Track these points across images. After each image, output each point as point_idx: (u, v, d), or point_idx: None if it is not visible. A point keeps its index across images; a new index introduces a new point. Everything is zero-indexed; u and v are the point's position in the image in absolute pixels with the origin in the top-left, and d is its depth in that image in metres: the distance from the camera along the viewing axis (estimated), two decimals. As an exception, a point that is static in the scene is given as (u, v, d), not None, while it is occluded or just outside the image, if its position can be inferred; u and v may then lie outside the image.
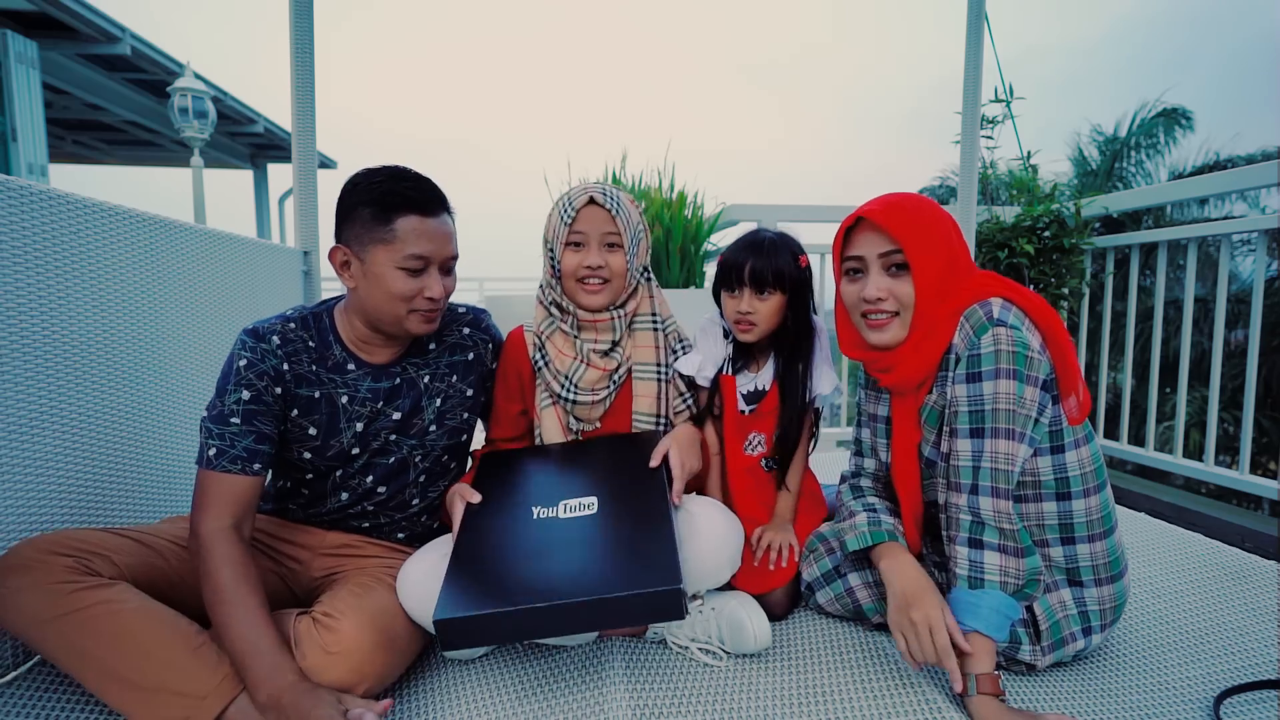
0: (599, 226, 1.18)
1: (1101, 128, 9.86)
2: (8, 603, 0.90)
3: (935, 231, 1.05)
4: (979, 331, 0.98)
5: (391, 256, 1.04)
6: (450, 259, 1.10)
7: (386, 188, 1.05)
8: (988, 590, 0.96)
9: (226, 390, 1.05)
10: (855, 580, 1.20)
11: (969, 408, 0.99)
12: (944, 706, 0.98)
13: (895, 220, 1.04)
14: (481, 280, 8.92)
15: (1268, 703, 1.00)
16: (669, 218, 3.11)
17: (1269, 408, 6.81)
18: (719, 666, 1.09)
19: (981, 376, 0.98)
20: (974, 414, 0.99)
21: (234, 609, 0.92)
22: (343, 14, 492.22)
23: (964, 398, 1.00)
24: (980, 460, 0.99)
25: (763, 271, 1.24)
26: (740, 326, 1.27)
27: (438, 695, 1.04)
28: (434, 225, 1.06)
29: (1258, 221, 2.20)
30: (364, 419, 1.13)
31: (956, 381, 1.00)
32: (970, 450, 0.99)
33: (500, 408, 1.30)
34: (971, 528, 0.99)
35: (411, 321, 1.08)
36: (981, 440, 0.99)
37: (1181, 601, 1.33)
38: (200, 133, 6.46)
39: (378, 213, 1.04)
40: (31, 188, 1.10)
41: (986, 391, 0.97)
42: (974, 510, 0.99)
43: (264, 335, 1.08)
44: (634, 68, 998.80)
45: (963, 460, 1.00)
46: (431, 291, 1.06)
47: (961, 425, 1.00)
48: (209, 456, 1.02)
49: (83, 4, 4.75)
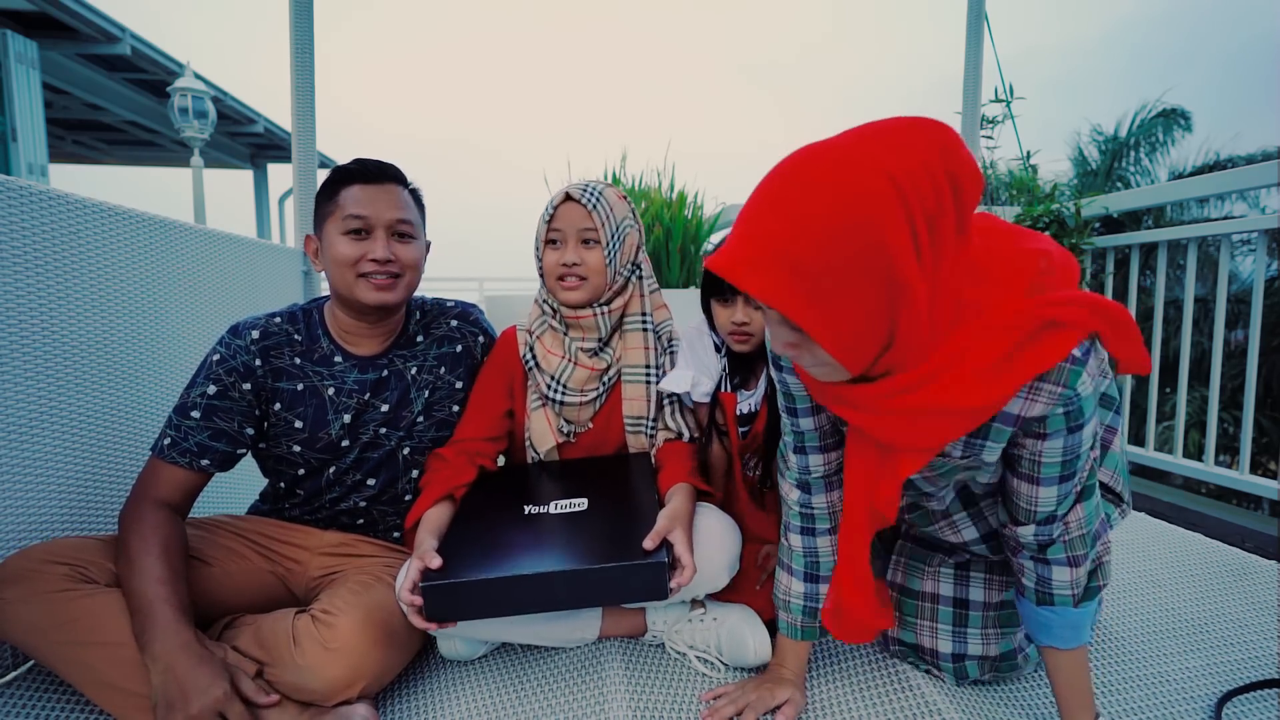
0: (575, 223, 1.17)
1: (1101, 128, 9.87)
2: (5, 613, 0.90)
3: (843, 291, 0.62)
4: (1064, 402, 0.73)
5: (336, 225, 1.09)
6: (397, 221, 1.11)
7: (338, 169, 1.12)
8: (1058, 609, 0.85)
9: (195, 383, 1.08)
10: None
11: (1062, 457, 0.77)
12: (945, 708, 0.98)
13: (770, 286, 0.62)
14: (481, 280, 8.92)
15: (1268, 701, 1.00)
16: (669, 218, 3.11)
17: (1269, 408, 6.81)
18: (717, 677, 1.08)
19: (1082, 427, 0.76)
20: (1066, 463, 0.78)
21: (137, 569, 0.93)
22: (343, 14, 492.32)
23: (1057, 448, 0.77)
24: (1064, 503, 0.81)
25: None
26: (736, 338, 1.18)
27: (437, 695, 1.04)
28: (374, 190, 1.10)
29: (1258, 221, 2.19)
30: (351, 410, 1.14)
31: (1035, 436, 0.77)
32: (1057, 494, 0.80)
33: (483, 403, 1.24)
34: (1038, 549, 0.85)
35: (362, 289, 1.09)
36: (1070, 484, 0.80)
37: (1181, 601, 1.33)
38: (200, 133, 6.47)
39: (327, 190, 1.11)
40: (31, 188, 1.10)
41: (1085, 439, 0.77)
42: (1041, 539, 0.84)
43: (241, 331, 1.11)
44: (634, 68, 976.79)
45: (1041, 507, 0.81)
46: (375, 254, 1.08)
47: (1049, 474, 0.79)
48: (163, 445, 1.05)
49: (83, 4, 4.75)
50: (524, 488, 1.18)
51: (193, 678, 0.86)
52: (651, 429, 1.25)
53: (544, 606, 0.94)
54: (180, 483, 1.06)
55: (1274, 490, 1.92)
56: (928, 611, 1.04)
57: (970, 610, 1.02)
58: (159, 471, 1.05)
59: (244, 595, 1.08)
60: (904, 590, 1.07)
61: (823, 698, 1.03)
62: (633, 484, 1.15)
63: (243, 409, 1.09)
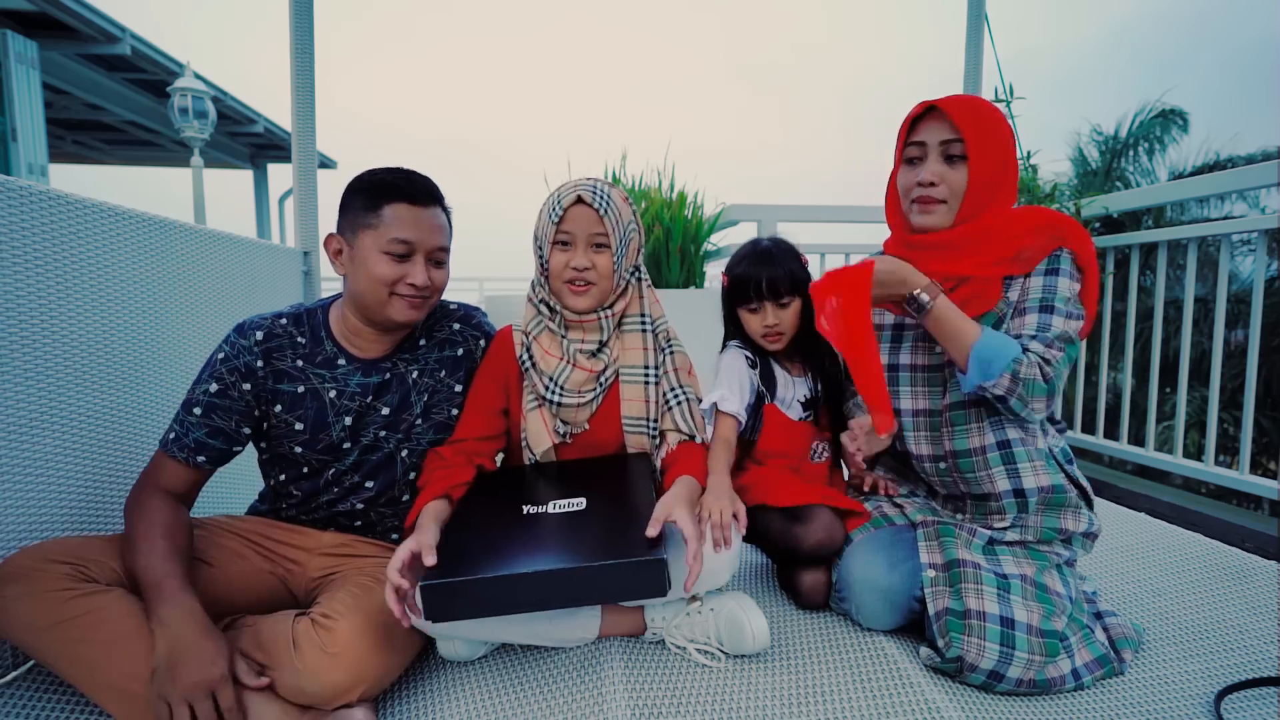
0: (586, 227, 1.16)
1: (1101, 128, 9.87)
2: (6, 611, 0.90)
3: (995, 132, 1.13)
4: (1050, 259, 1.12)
5: (377, 241, 1.07)
6: (437, 249, 1.11)
7: (380, 178, 1.10)
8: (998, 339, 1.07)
9: (201, 379, 1.10)
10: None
11: (1042, 293, 1.11)
12: (944, 706, 0.98)
13: (960, 112, 1.11)
14: (481, 280, 8.92)
15: (1268, 700, 1.00)
16: (669, 218, 3.12)
17: (1269, 408, 6.81)
18: (717, 667, 1.09)
19: (1059, 273, 1.11)
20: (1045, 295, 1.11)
21: (142, 548, 0.96)
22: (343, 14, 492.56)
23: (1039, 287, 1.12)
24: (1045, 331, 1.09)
25: (778, 280, 1.26)
26: (769, 339, 1.31)
27: (437, 696, 1.04)
28: (420, 214, 1.09)
29: (1258, 221, 2.19)
30: (353, 413, 1.14)
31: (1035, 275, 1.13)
32: (1038, 323, 1.10)
33: (480, 402, 1.23)
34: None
35: (394, 307, 1.09)
36: (1048, 316, 1.09)
37: (1181, 600, 1.33)
38: (200, 133, 6.46)
39: (368, 200, 1.08)
40: (31, 188, 1.10)
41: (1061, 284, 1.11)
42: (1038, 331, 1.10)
43: (247, 331, 1.11)
44: (634, 68, 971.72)
45: (1031, 330, 1.10)
46: (415, 279, 1.08)
47: (1031, 303, 1.11)
48: (168, 439, 1.08)
49: (83, 4, 4.75)
50: (522, 488, 1.17)
51: (196, 649, 0.87)
52: (653, 428, 1.25)
53: (544, 605, 0.94)
54: (182, 476, 1.08)
55: (1274, 490, 1.92)
56: (970, 575, 1.08)
57: (1009, 579, 1.08)
58: (163, 464, 1.08)
59: (244, 596, 1.08)
60: (946, 565, 1.12)
61: (824, 685, 1.04)
62: (631, 483, 1.16)
63: (241, 409, 1.10)
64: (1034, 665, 1.01)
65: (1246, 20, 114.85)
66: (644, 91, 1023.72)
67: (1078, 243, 1.14)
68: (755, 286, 1.27)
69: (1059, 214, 1.17)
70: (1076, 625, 1.08)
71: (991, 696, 1.02)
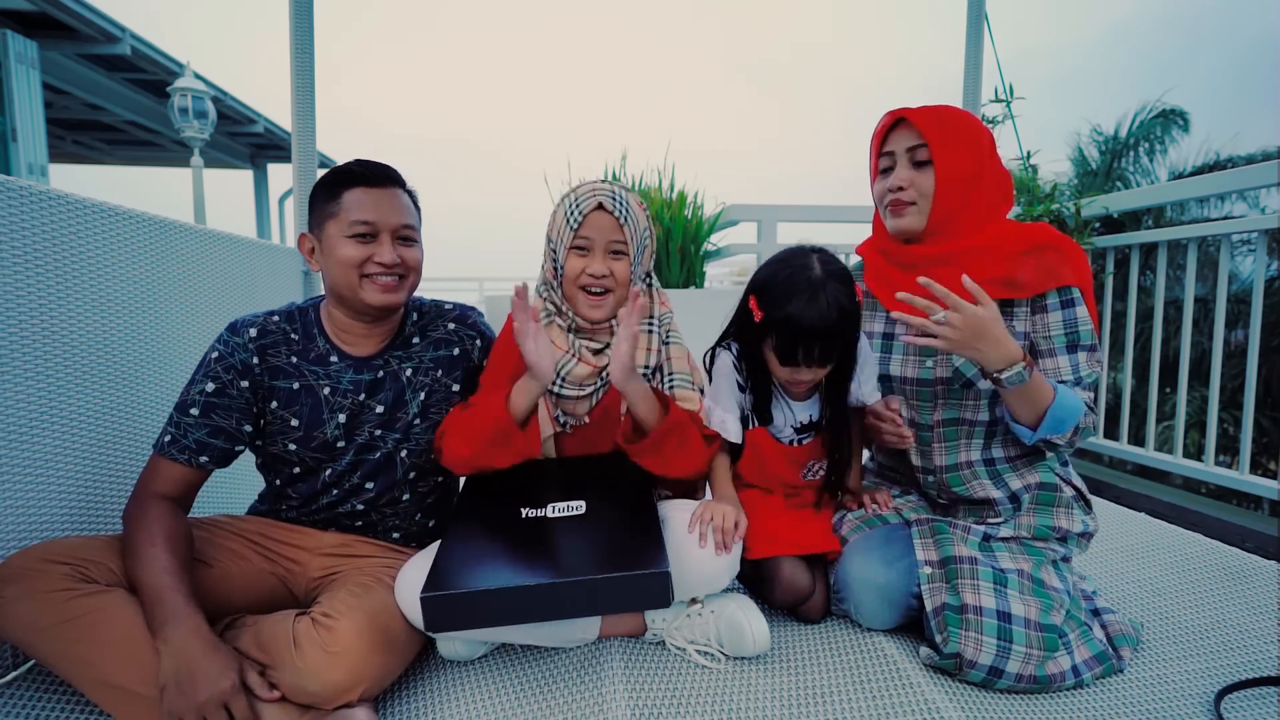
0: (606, 234, 1.17)
1: (1101, 128, 9.86)
2: (5, 611, 0.90)
3: (960, 134, 1.16)
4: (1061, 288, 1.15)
5: (340, 227, 1.09)
6: (402, 226, 1.12)
7: (337, 170, 1.12)
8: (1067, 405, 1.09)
9: (195, 380, 1.09)
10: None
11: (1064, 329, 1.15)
12: (944, 706, 0.98)
13: (923, 119, 1.17)
14: (481, 280, 8.92)
15: (1268, 699, 1.00)
16: (669, 218, 3.12)
17: (1269, 408, 6.80)
18: (717, 668, 1.09)
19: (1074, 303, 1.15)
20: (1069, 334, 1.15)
21: (143, 560, 0.95)
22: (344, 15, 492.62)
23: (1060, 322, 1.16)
24: (1078, 370, 1.15)
25: (831, 352, 1.13)
26: (795, 388, 1.22)
27: (437, 696, 1.04)
28: (379, 194, 1.10)
29: (1258, 221, 2.19)
30: (347, 410, 1.14)
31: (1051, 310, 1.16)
32: (1070, 363, 1.15)
33: (494, 377, 1.20)
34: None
35: (367, 290, 1.09)
36: (1076, 354, 1.15)
37: (1181, 600, 1.33)
38: (200, 133, 6.47)
39: (328, 191, 1.10)
40: (31, 188, 1.10)
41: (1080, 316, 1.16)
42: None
43: (240, 329, 1.12)
44: (634, 68, 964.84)
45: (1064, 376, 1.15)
46: (382, 257, 1.09)
47: (1057, 343, 1.16)
48: (164, 442, 1.07)
49: (83, 4, 4.75)
50: (520, 489, 1.17)
51: (204, 665, 0.87)
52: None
53: (546, 615, 0.94)
54: (181, 479, 1.07)
55: (1274, 490, 1.92)
56: (967, 571, 1.09)
57: (1006, 574, 1.09)
58: (160, 468, 1.07)
59: (245, 596, 1.08)
60: (942, 562, 1.12)
61: (824, 686, 1.03)
62: (631, 483, 1.15)
63: (240, 406, 1.10)
64: (1032, 660, 1.01)
65: (1246, 20, 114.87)
66: (644, 91, 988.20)
67: (1075, 264, 1.15)
68: (807, 352, 1.11)
69: (1053, 231, 1.18)
70: (1075, 622, 1.09)
71: (991, 696, 1.01)
